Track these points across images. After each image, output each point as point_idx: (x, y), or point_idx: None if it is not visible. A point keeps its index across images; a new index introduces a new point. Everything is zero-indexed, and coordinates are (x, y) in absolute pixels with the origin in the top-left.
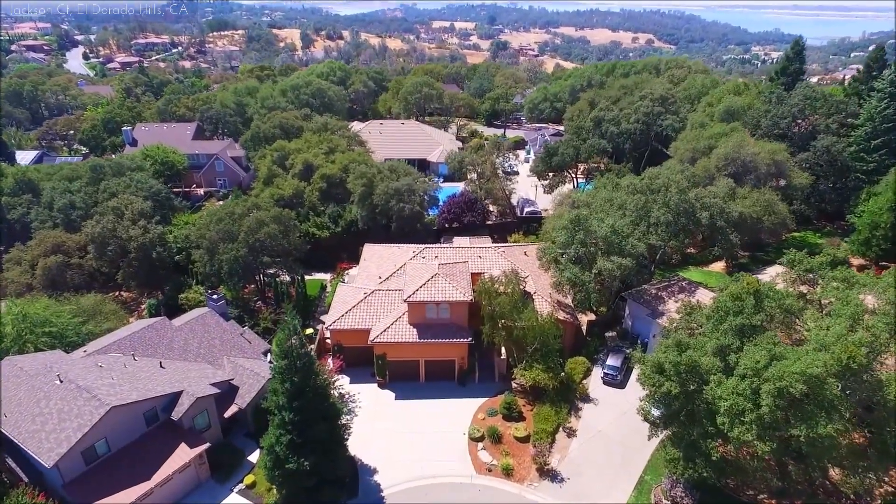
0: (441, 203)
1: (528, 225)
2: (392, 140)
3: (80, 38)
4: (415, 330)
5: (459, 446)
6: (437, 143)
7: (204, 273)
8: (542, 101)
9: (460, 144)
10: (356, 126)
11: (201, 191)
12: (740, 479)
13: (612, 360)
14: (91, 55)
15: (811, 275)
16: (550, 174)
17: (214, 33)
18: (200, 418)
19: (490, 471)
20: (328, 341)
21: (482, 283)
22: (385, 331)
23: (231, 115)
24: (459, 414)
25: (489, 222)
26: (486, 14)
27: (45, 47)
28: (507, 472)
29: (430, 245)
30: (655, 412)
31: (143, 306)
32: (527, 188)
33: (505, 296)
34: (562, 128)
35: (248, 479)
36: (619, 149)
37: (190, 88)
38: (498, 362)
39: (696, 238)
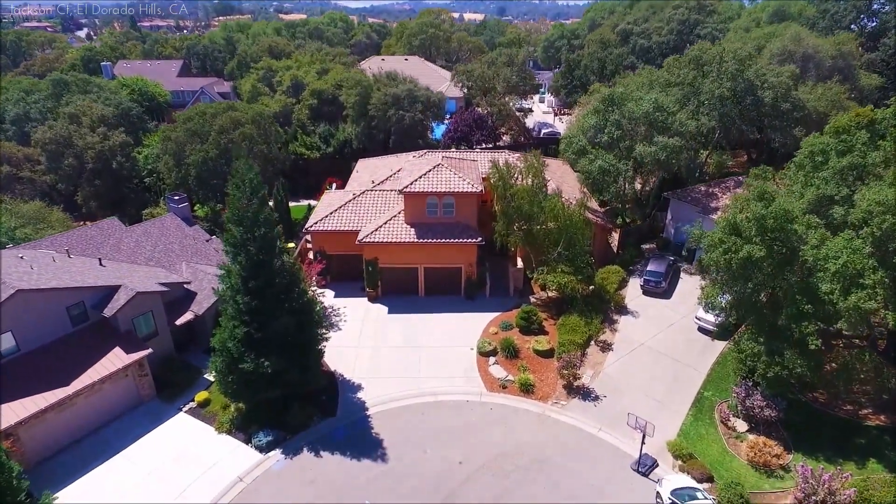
0: (448, 120)
1: (545, 147)
2: None
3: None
4: (413, 230)
5: (466, 362)
6: (444, 79)
7: (171, 184)
8: (558, 39)
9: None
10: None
11: None
12: (843, 385)
13: (654, 266)
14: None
15: None
16: (566, 112)
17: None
18: (144, 322)
19: (504, 388)
20: (310, 253)
21: (496, 171)
22: (377, 230)
23: (220, 52)
24: (466, 329)
25: (501, 144)
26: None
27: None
28: (526, 389)
29: (434, 150)
30: (723, 299)
31: None
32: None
33: (524, 187)
34: None
35: (201, 395)
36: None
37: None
38: (513, 273)
39: (754, 127)
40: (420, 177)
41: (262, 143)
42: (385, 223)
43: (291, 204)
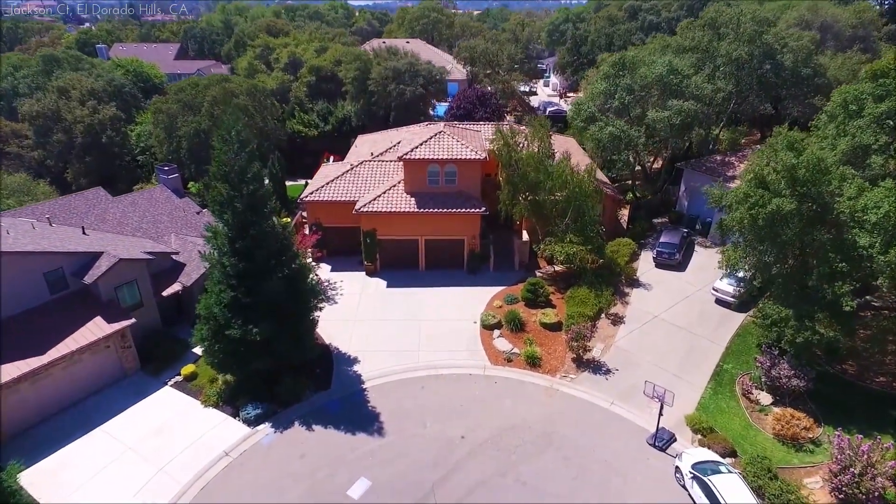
0: (449, 99)
1: (552, 125)
2: None
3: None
4: (413, 199)
5: (469, 335)
6: (446, 61)
7: (163, 158)
8: (563, 23)
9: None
10: None
11: None
12: (878, 351)
13: (667, 238)
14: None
15: None
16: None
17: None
18: (128, 292)
19: (509, 361)
20: (306, 227)
21: (500, 136)
22: (375, 200)
23: (217, 35)
24: (469, 302)
25: (505, 124)
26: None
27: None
28: (533, 363)
29: (435, 122)
30: (746, 263)
31: None
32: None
33: (530, 153)
34: None
35: (188, 368)
36: None
37: None
38: (518, 246)
39: (769, 98)
40: (421, 143)
41: (257, 116)
42: (384, 193)
43: (289, 183)
